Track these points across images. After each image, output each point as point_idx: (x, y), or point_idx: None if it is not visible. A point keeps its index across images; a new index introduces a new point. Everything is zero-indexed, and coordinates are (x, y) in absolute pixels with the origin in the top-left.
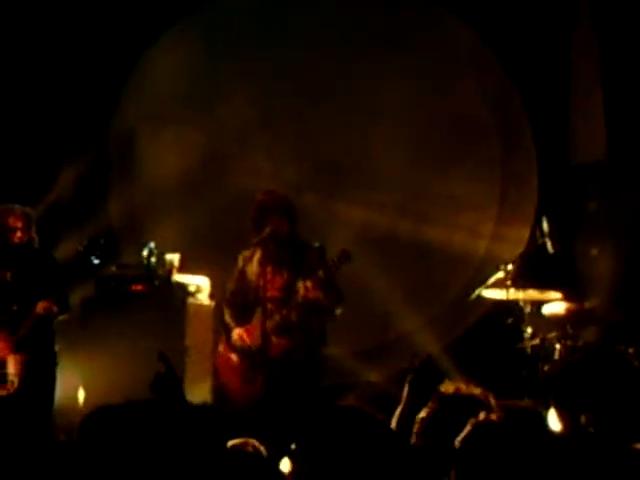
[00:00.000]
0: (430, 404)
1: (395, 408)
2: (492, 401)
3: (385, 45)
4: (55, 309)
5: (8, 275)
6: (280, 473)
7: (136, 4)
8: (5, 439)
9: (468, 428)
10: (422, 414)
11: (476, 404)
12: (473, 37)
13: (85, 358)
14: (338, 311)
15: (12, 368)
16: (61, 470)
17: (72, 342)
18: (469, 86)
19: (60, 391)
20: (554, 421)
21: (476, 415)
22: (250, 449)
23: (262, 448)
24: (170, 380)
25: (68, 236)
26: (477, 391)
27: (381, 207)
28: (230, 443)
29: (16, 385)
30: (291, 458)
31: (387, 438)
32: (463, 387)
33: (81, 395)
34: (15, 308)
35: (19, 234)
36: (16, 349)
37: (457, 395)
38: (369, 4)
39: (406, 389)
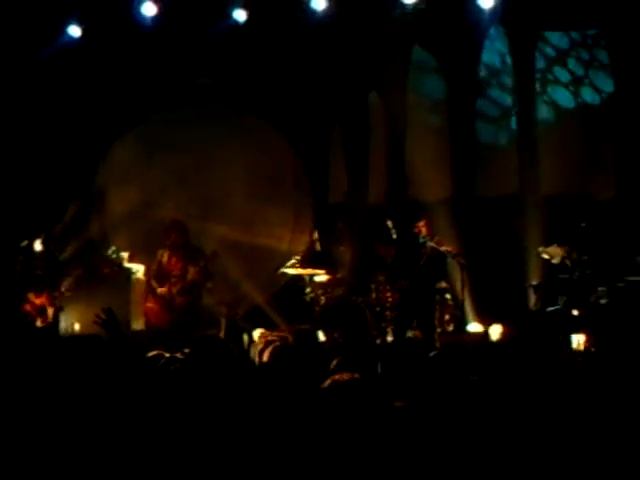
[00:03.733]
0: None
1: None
2: (289, 337)
3: (232, 139)
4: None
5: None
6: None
7: (109, 122)
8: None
9: (272, 347)
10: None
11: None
12: (272, 129)
13: (79, 307)
14: (209, 285)
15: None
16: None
17: (71, 298)
18: (276, 157)
19: (64, 323)
20: (322, 336)
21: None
22: (163, 360)
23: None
24: (113, 321)
25: (68, 244)
26: (283, 333)
27: (233, 226)
28: (150, 354)
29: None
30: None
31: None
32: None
33: (77, 327)
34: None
35: None
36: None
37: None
38: (221, 121)
39: (224, 323)
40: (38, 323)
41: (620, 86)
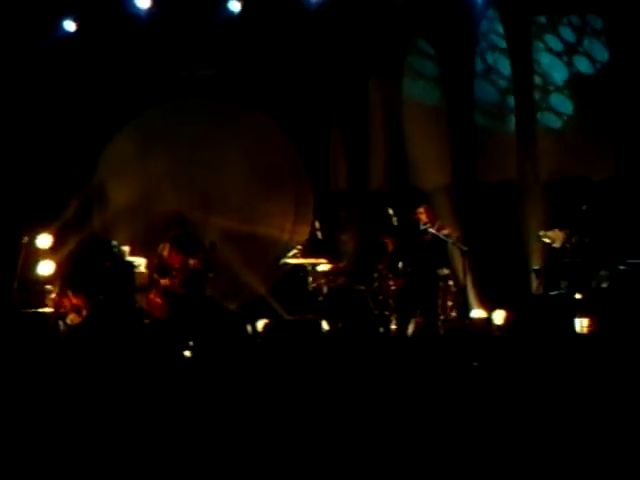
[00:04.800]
0: None
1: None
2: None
3: (230, 131)
4: None
5: None
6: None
7: (107, 115)
8: None
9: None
10: None
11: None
12: (269, 119)
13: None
14: (210, 274)
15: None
16: None
17: None
18: (275, 148)
19: None
20: (325, 326)
21: None
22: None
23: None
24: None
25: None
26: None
27: (232, 217)
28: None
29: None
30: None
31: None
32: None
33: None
34: None
35: None
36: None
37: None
38: (219, 113)
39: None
40: (68, 320)
41: (616, 55)
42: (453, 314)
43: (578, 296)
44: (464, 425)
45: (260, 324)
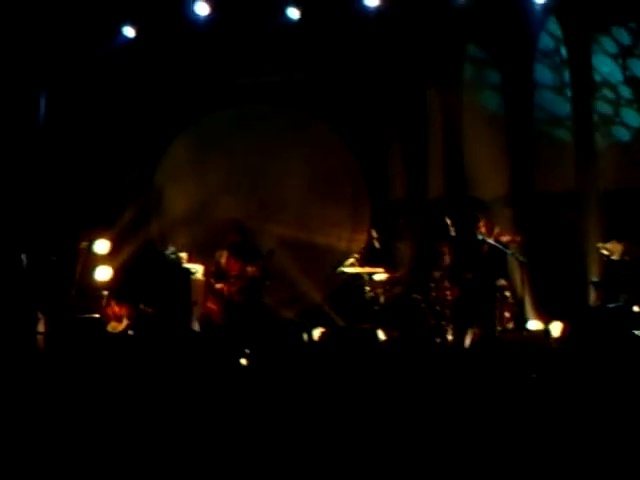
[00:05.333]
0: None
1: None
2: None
3: (288, 139)
4: None
5: None
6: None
7: (166, 122)
8: None
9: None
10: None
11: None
12: (328, 128)
13: None
14: (267, 282)
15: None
16: None
17: None
18: (333, 156)
19: None
20: (382, 335)
21: None
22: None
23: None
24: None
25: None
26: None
27: (290, 225)
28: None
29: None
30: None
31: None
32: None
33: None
34: None
35: None
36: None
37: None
38: (277, 121)
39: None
40: (109, 327)
41: None
42: (510, 325)
43: (636, 309)
44: (524, 436)
45: (316, 333)
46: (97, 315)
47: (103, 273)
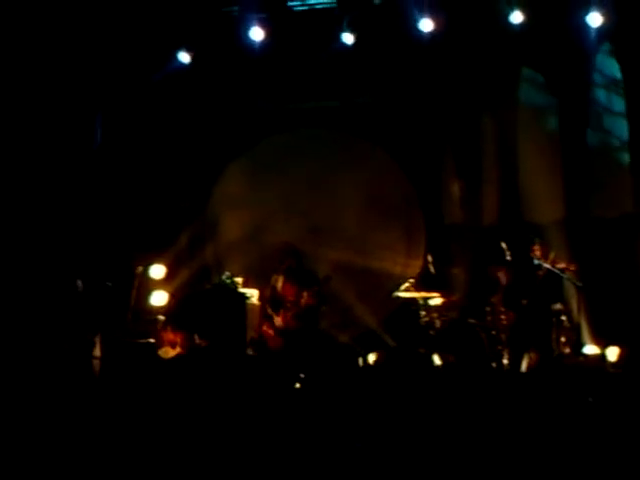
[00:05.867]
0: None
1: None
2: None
3: (343, 163)
4: None
5: None
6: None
7: (220, 147)
8: None
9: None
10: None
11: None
12: (382, 152)
13: None
14: (323, 308)
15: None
16: None
17: None
18: (388, 181)
19: None
20: (437, 360)
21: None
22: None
23: None
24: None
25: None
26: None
27: (345, 250)
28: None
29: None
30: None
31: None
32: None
33: None
34: None
35: None
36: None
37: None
38: (332, 145)
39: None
40: (161, 352)
41: None
42: (566, 350)
43: None
44: (582, 460)
45: (371, 357)
46: (152, 340)
47: (159, 298)
